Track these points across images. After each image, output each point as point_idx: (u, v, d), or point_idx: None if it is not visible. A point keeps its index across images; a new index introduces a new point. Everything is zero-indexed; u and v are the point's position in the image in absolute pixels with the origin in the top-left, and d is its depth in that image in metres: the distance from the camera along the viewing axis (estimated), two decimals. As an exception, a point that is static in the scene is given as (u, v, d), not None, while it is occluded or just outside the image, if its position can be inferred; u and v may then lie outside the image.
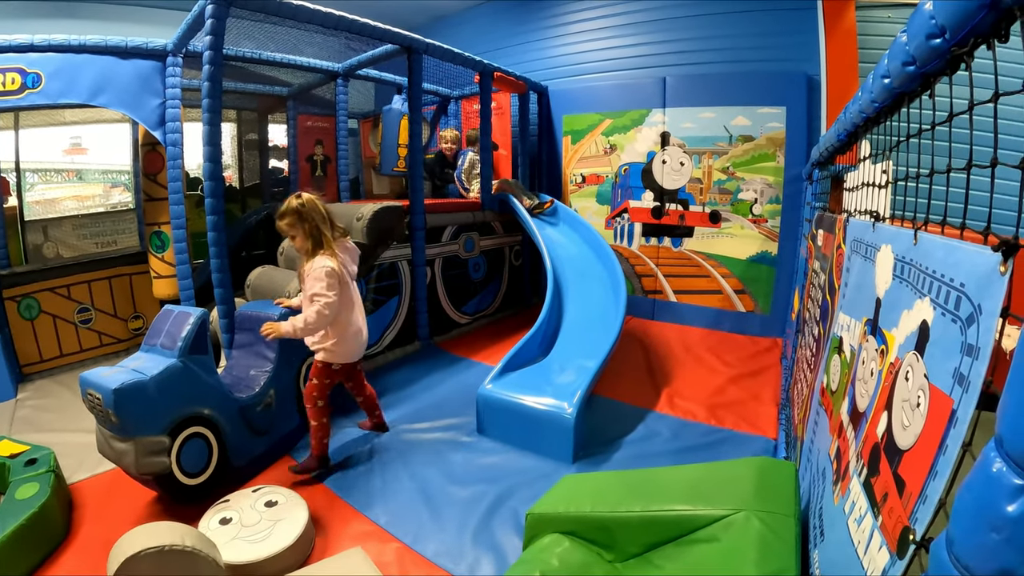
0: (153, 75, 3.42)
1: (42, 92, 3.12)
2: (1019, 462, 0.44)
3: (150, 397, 2.07)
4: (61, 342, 3.98)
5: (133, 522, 2.19)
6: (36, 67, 3.09)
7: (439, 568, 1.86)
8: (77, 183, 4.82)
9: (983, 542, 0.47)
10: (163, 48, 3.40)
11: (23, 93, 3.07)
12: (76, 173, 4.82)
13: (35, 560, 1.98)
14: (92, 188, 4.87)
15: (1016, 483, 0.45)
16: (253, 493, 2.13)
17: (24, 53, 3.06)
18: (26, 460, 2.32)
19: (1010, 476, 0.45)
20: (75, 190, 4.79)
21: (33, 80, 3.09)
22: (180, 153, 3.46)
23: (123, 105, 3.34)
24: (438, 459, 2.53)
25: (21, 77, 3.06)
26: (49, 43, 3.10)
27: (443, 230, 4.06)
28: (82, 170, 4.86)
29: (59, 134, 4.56)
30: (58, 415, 3.24)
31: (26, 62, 3.07)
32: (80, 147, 4.74)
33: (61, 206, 4.57)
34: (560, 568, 1.47)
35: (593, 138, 4.69)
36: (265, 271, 3.47)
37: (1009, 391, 0.46)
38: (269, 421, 2.61)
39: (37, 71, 3.09)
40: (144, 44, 3.35)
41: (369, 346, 3.58)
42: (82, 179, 4.86)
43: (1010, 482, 0.45)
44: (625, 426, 2.81)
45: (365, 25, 3.26)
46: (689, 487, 1.51)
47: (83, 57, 3.20)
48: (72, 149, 4.74)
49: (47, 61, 3.11)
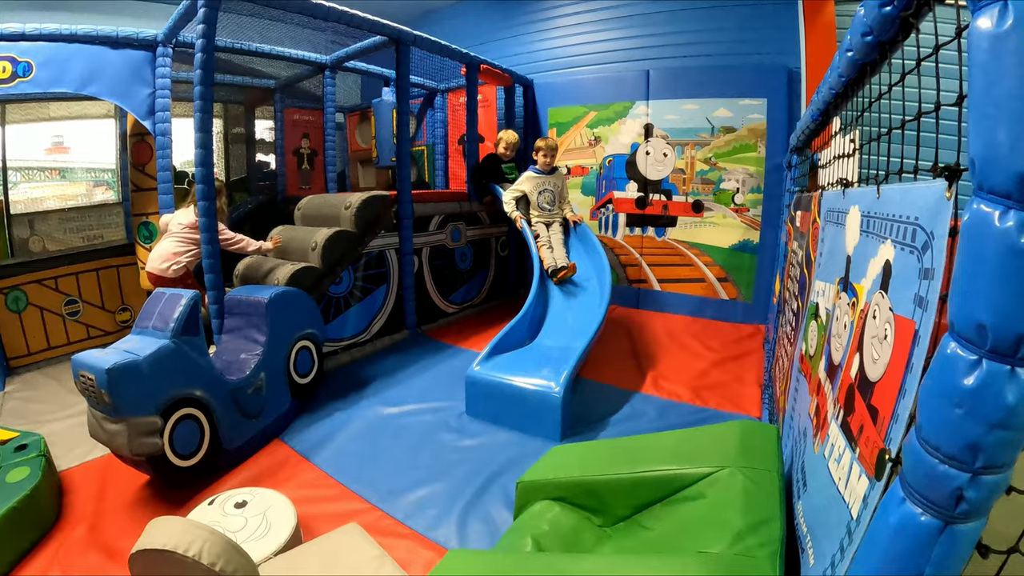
0: (143, 65, 3.44)
1: (33, 81, 3.13)
2: (969, 339, 0.50)
3: (143, 377, 2.08)
4: (49, 335, 3.97)
5: (124, 507, 2.24)
6: (27, 56, 3.10)
7: (432, 542, 1.91)
8: (60, 182, 4.78)
9: (947, 419, 0.53)
10: (153, 39, 3.41)
11: (14, 82, 3.08)
12: (59, 172, 4.78)
13: (26, 543, 1.99)
14: (75, 187, 4.83)
15: (970, 358, 0.51)
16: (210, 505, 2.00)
17: (15, 42, 3.06)
18: (16, 446, 2.32)
19: (964, 353, 0.51)
20: (59, 189, 4.75)
21: (24, 69, 3.09)
22: (169, 143, 3.48)
23: (113, 94, 3.36)
24: (428, 440, 2.57)
25: (12, 66, 3.06)
26: (40, 32, 3.11)
27: (430, 219, 4.09)
28: (65, 169, 4.82)
29: (41, 133, 4.52)
30: (46, 405, 3.23)
31: (17, 51, 3.07)
32: (62, 146, 4.71)
33: (44, 205, 4.52)
34: (551, 533, 1.52)
35: (578, 130, 4.75)
36: (253, 261, 3.48)
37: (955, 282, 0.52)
38: (260, 404, 2.63)
39: (28, 60, 3.10)
40: (135, 34, 3.37)
41: (356, 334, 3.63)
42: (65, 178, 4.81)
43: (964, 359, 0.51)
44: (612, 406, 2.87)
45: (354, 16, 3.28)
46: (674, 449, 1.56)
47: (74, 47, 3.22)
48: (54, 148, 4.70)
49: (38, 50, 3.13)
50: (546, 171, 3.82)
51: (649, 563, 1.09)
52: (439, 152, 5.56)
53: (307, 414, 2.87)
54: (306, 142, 5.37)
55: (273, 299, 2.72)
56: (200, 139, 2.80)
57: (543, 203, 3.82)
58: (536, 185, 3.82)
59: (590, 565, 1.15)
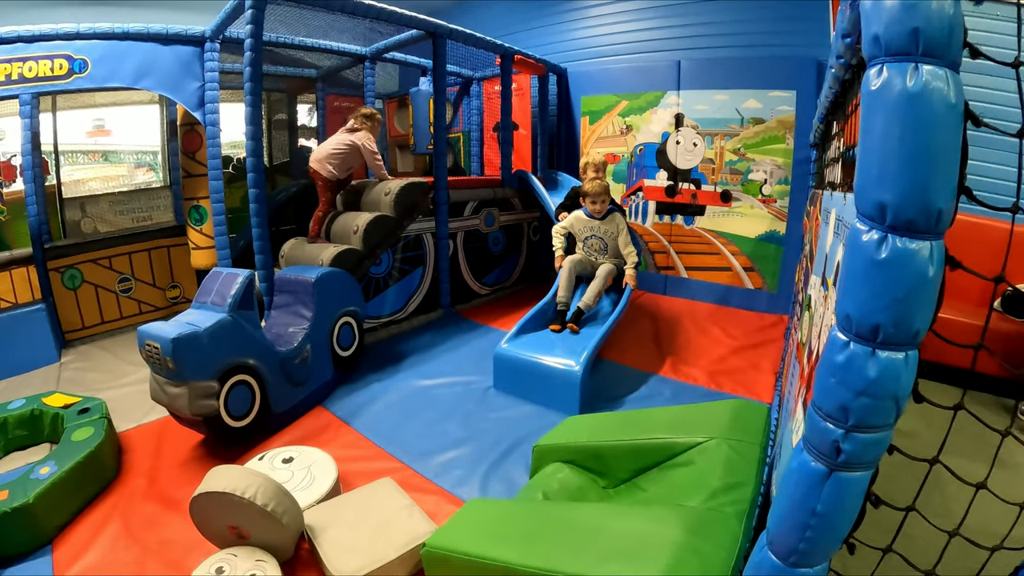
0: (192, 60, 3.62)
1: (89, 77, 3.32)
2: (842, 327, 0.67)
3: (203, 346, 2.30)
4: (103, 310, 4.23)
5: (178, 464, 2.46)
6: (82, 53, 3.29)
7: (456, 498, 2.10)
8: (103, 164, 4.99)
9: (827, 387, 0.70)
10: (201, 35, 3.60)
11: (71, 78, 3.28)
12: (101, 154, 4.99)
13: (90, 494, 2.20)
14: (117, 169, 5.04)
15: (842, 339, 0.67)
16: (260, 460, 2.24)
17: (71, 41, 3.27)
18: (79, 409, 2.56)
19: (839, 336, 0.68)
20: (101, 171, 4.96)
21: (80, 65, 3.29)
22: (219, 132, 3.69)
23: (165, 88, 3.55)
24: (457, 410, 2.79)
25: (68, 63, 3.26)
26: (94, 31, 3.31)
27: (465, 205, 4.29)
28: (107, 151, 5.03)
29: (83, 116, 4.69)
30: (101, 375, 3.46)
31: (72, 49, 3.26)
32: (103, 129, 4.91)
33: (88, 187, 4.73)
34: (560, 491, 1.72)
35: (610, 119, 4.85)
36: (298, 243, 3.74)
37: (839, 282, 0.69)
38: (306, 373, 2.86)
39: (83, 57, 3.29)
40: (183, 31, 3.56)
41: (394, 312, 3.87)
42: (108, 160, 5.03)
43: (839, 340, 0.68)
44: (629, 386, 3.03)
45: (392, 12, 3.46)
46: (672, 421, 1.74)
47: (127, 44, 3.40)
48: (95, 131, 4.90)
49: (92, 48, 3.31)
50: (597, 217, 3.48)
51: (633, 511, 1.28)
52: (474, 139, 5.74)
53: (347, 384, 3.12)
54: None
55: (320, 279, 2.96)
56: (251, 131, 3.04)
57: (590, 249, 3.57)
58: (584, 229, 3.55)
59: (586, 511, 1.35)
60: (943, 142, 0.61)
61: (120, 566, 1.89)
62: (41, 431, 2.63)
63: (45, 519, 1.99)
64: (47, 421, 2.60)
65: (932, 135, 0.60)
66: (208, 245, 4.12)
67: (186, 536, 1.94)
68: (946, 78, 0.60)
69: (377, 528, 1.76)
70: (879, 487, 0.77)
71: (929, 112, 0.60)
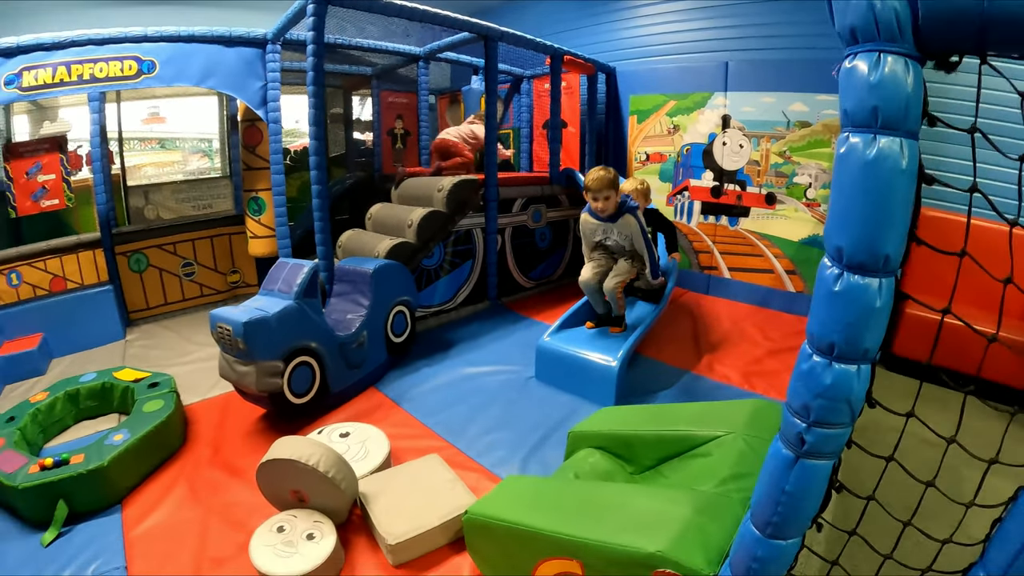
0: (255, 60, 3.80)
1: (157, 77, 3.50)
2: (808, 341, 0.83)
3: (271, 330, 2.52)
4: (166, 292, 4.54)
5: (241, 435, 2.69)
6: (151, 55, 3.47)
7: (496, 476, 2.30)
8: (158, 151, 5.18)
9: (794, 388, 0.87)
10: (263, 37, 3.77)
11: (140, 78, 3.47)
12: (158, 141, 5.18)
13: (158, 460, 2.42)
14: (172, 155, 5.23)
15: (808, 351, 0.84)
16: (319, 434, 2.45)
17: (139, 43, 3.46)
18: (149, 383, 2.77)
19: (807, 348, 0.84)
20: (156, 156, 5.15)
21: (148, 66, 3.47)
22: (280, 129, 3.87)
23: (229, 87, 3.74)
24: (500, 396, 2.99)
25: (137, 64, 3.45)
26: (161, 34, 3.50)
27: (513, 202, 4.48)
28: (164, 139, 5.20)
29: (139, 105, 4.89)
30: (165, 352, 3.72)
31: (141, 51, 3.45)
32: (158, 116, 5.09)
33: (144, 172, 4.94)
34: (590, 473, 1.91)
35: (658, 118, 4.93)
36: (355, 234, 3.99)
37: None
38: (361, 357, 3.09)
39: (152, 59, 3.47)
40: (246, 33, 3.74)
41: (444, 302, 4.12)
42: (164, 147, 5.22)
43: (806, 351, 0.84)
44: (664, 383, 3.15)
45: (447, 17, 3.62)
46: (696, 416, 1.90)
47: (192, 46, 3.59)
48: (150, 119, 5.08)
49: (160, 50, 3.50)
50: (603, 217, 3.01)
51: (651, 491, 1.46)
52: (524, 136, 5.90)
53: (399, 367, 3.36)
54: (400, 123, 5.70)
55: (377, 270, 3.21)
56: (314, 131, 3.24)
57: (600, 258, 3.19)
58: (591, 232, 3.15)
59: (610, 490, 1.54)
60: (893, 200, 0.75)
61: (185, 524, 2.07)
62: (111, 402, 2.84)
63: (117, 481, 2.18)
64: (117, 394, 2.82)
65: (883, 195, 0.75)
66: (266, 234, 4.36)
67: (248, 500, 2.15)
68: (900, 147, 0.75)
69: (423, 498, 1.96)
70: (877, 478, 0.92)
71: (881, 176, 0.75)
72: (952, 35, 0.74)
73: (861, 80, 0.77)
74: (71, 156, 4.33)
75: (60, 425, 2.71)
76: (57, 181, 4.06)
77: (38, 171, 3.98)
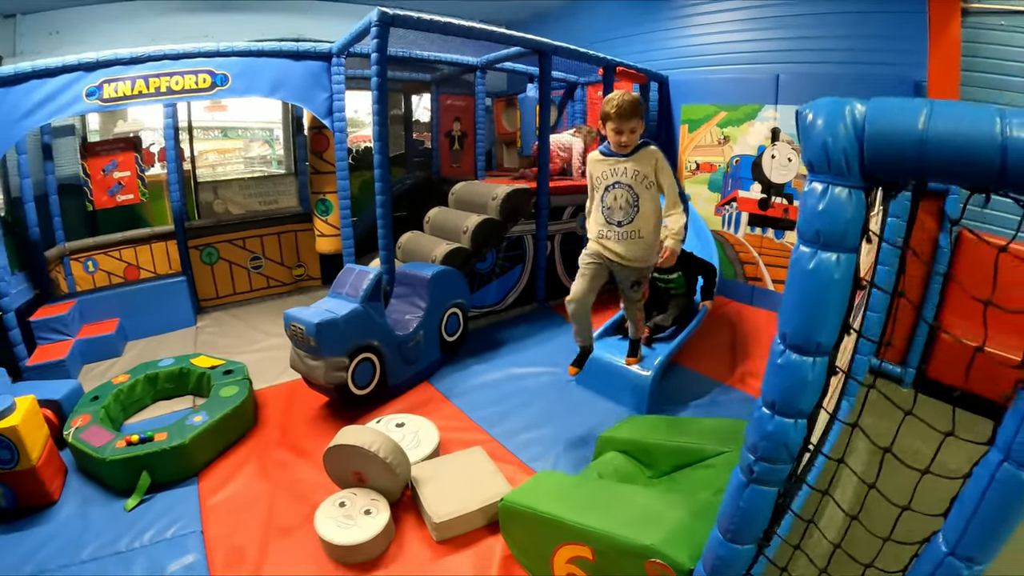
0: (321, 73, 3.99)
1: (230, 89, 3.71)
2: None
3: (339, 330, 2.81)
4: (235, 283, 4.87)
5: (307, 420, 2.91)
6: (223, 69, 3.68)
7: (532, 469, 2.55)
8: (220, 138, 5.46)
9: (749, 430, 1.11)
10: (328, 51, 3.97)
11: (213, 90, 3.69)
12: (220, 129, 5.48)
13: (231, 440, 2.66)
14: (234, 142, 5.52)
15: (760, 403, 1.08)
16: (377, 423, 2.68)
17: (211, 58, 3.67)
18: (224, 370, 3.02)
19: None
20: (218, 143, 5.43)
21: (221, 79, 3.68)
22: (345, 137, 4.06)
23: (297, 99, 3.96)
24: (541, 397, 3.24)
25: (211, 77, 3.66)
26: (232, 49, 3.70)
27: (564, 210, 4.70)
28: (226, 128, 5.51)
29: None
30: (234, 340, 3.99)
31: (214, 65, 3.66)
32: (220, 104, 5.36)
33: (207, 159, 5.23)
34: (613, 474, 2.18)
35: (708, 128, 5.02)
36: (414, 236, 4.29)
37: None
38: (417, 354, 3.39)
39: (224, 72, 3.68)
40: (312, 48, 3.95)
41: (494, 304, 4.42)
42: (226, 135, 5.51)
43: (759, 403, 1.09)
44: (696, 393, 3.29)
45: (503, 34, 3.86)
46: (710, 431, 2.14)
47: (262, 60, 3.79)
48: (213, 106, 5.35)
49: (232, 64, 3.70)
50: (620, 152, 2.35)
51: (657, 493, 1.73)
52: (578, 142, 6.07)
53: (450, 364, 3.66)
54: (457, 125, 5.85)
55: (434, 276, 3.49)
56: (378, 147, 3.43)
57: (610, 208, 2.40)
58: (603, 176, 2.40)
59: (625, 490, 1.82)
60: (827, 302, 0.97)
61: (255, 496, 2.32)
62: (186, 386, 3.14)
63: (195, 456, 2.42)
64: (193, 378, 3.12)
65: (819, 297, 0.97)
66: (331, 233, 4.69)
67: (312, 477, 2.44)
68: (836, 261, 0.95)
69: (466, 485, 2.24)
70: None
71: (819, 283, 0.96)
72: (893, 170, 0.92)
73: (812, 205, 0.97)
74: (145, 153, 4.72)
75: (139, 404, 3.03)
76: (132, 178, 4.44)
77: (114, 168, 4.35)
